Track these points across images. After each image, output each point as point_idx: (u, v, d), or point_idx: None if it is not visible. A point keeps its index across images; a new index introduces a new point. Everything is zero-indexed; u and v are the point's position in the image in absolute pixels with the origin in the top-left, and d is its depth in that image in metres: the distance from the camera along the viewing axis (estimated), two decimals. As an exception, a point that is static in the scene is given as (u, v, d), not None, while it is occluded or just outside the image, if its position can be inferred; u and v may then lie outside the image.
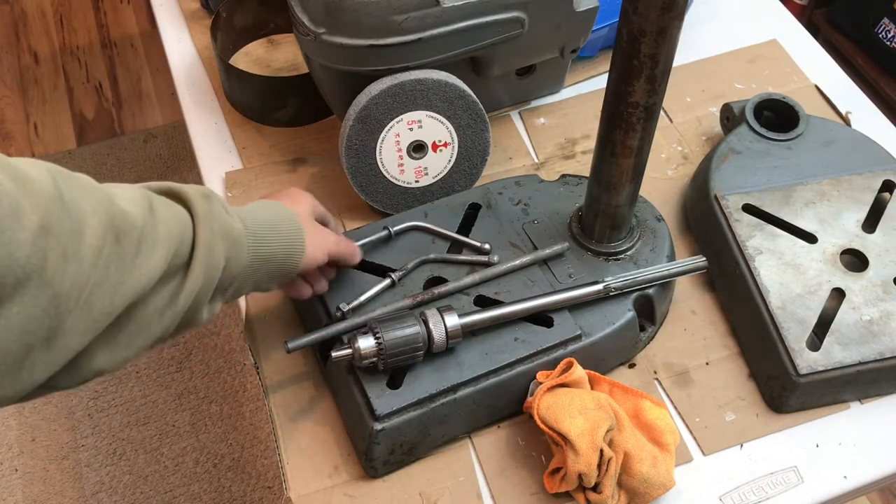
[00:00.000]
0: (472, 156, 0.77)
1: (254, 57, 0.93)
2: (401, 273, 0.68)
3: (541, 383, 0.63)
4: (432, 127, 0.73)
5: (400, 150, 0.74)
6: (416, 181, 0.76)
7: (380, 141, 0.73)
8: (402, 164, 0.75)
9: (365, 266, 0.69)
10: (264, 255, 0.55)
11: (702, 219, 0.76)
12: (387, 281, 0.67)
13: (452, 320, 0.62)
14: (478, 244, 0.70)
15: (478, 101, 0.74)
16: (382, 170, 0.74)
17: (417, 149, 0.75)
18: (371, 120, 0.71)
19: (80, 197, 0.42)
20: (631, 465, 0.60)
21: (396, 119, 0.72)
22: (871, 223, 0.73)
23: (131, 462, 1.42)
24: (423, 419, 0.62)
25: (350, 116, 0.71)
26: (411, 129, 0.73)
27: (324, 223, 0.65)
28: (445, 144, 0.75)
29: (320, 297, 0.67)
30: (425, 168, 0.76)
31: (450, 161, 0.76)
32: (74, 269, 0.40)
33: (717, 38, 0.95)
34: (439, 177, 0.77)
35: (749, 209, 0.74)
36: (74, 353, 0.42)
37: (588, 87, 0.91)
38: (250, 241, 0.54)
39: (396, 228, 0.71)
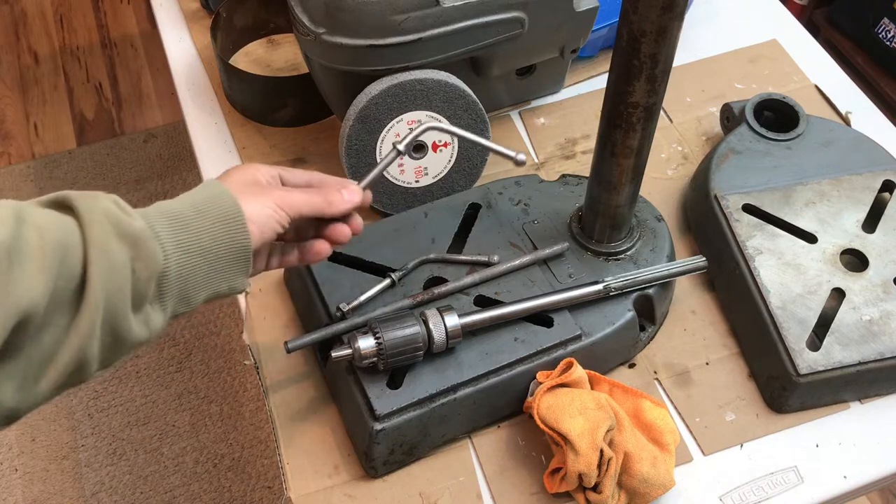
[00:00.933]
0: (472, 156, 0.77)
1: (254, 57, 0.93)
2: (401, 273, 0.68)
3: (541, 383, 0.63)
4: (432, 127, 0.73)
5: (400, 150, 0.74)
6: (417, 181, 0.76)
7: (380, 141, 0.73)
8: (402, 164, 0.75)
9: (365, 266, 0.69)
10: (193, 246, 0.48)
11: (702, 219, 0.76)
12: (387, 281, 0.67)
13: (452, 320, 0.62)
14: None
15: (478, 101, 0.73)
16: (382, 170, 0.74)
17: (417, 149, 0.74)
18: (371, 120, 0.71)
19: None
20: (631, 465, 0.60)
21: (396, 119, 0.72)
22: (871, 223, 0.73)
23: (131, 462, 1.42)
24: (423, 419, 0.62)
25: (350, 116, 0.71)
26: (411, 130, 0.73)
27: (291, 183, 0.58)
28: (445, 144, 0.75)
29: (320, 297, 0.67)
30: (425, 168, 0.76)
31: (450, 161, 0.76)
32: None
33: (717, 38, 0.95)
34: (439, 177, 0.77)
35: (749, 209, 0.74)
36: None
37: (588, 87, 0.91)
38: (165, 236, 0.47)
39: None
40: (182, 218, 0.48)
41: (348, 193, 0.57)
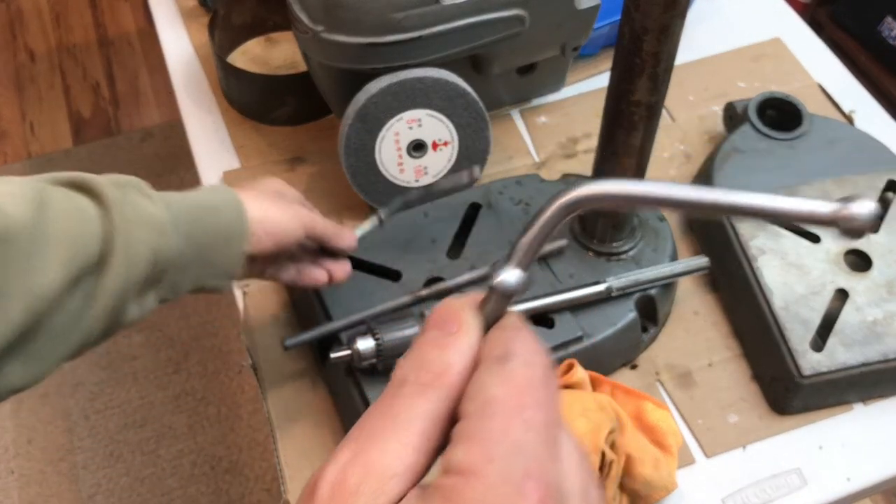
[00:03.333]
0: (472, 155, 0.76)
1: (252, 55, 0.92)
2: (386, 212, 0.66)
3: (542, 385, 0.62)
4: (432, 126, 0.73)
5: (399, 149, 0.73)
6: (416, 180, 0.76)
7: (379, 140, 0.72)
8: (401, 163, 0.74)
9: (364, 266, 0.69)
10: (198, 241, 0.49)
11: (704, 218, 0.76)
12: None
13: (453, 321, 0.61)
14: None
15: (478, 99, 0.73)
16: (382, 169, 0.74)
17: (417, 148, 0.74)
18: (370, 118, 0.70)
19: None
20: (633, 467, 0.60)
21: (396, 118, 0.71)
22: (875, 223, 0.72)
23: (128, 464, 1.41)
24: (423, 421, 0.61)
25: (349, 115, 0.70)
26: (411, 128, 0.72)
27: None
28: (445, 143, 0.74)
29: (319, 298, 0.66)
30: (425, 167, 0.75)
31: (450, 160, 0.76)
32: None
33: (719, 37, 0.95)
34: (439, 176, 0.76)
35: (752, 209, 0.73)
36: None
37: (589, 85, 0.90)
38: (182, 225, 0.48)
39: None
40: (196, 209, 0.50)
41: (351, 237, 0.62)
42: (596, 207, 0.29)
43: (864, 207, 0.26)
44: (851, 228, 0.26)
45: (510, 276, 0.31)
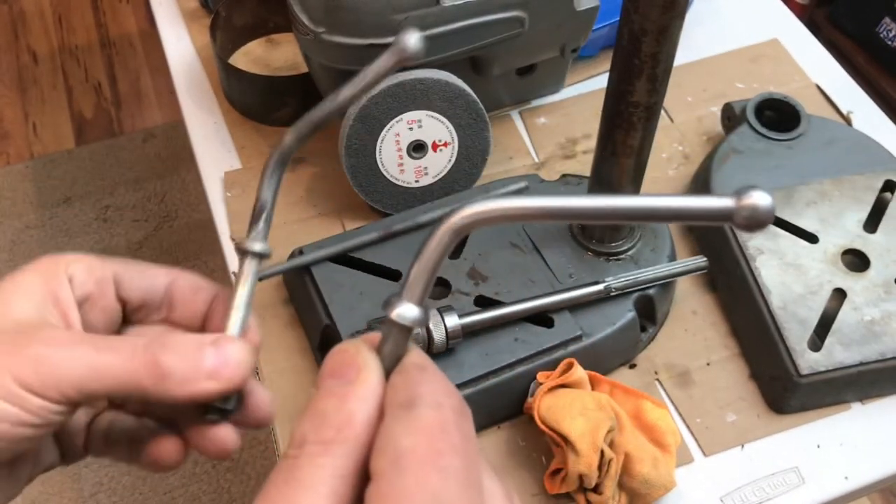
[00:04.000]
0: (472, 155, 0.77)
1: (253, 56, 0.93)
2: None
3: (541, 384, 0.63)
4: (432, 126, 0.73)
5: (400, 149, 0.73)
6: (416, 181, 0.76)
7: (380, 141, 0.72)
8: (401, 164, 0.74)
9: (365, 267, 0.69)
10: None
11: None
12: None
13: (452, 320, 0.61)
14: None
15: (477, 100, 0.73)
16: (382, 169, 0.74)
17: (417, 148, 0.74)
18: (371, 119, 0.71)
19: None
20: (632, 466, 0.60)
21: (396, 119, 0.71)
22: (872, 223, 0.73)
23: (130, 462, 1.41)
24: (423, 420, 0.61)
25: (350, 116, 0.71)
26: (411, 129, 0.72)
27: (132, 296, 0.34)
28: (445, 144, 0.75)
29: (320, 298, 0.67)
30: (425, 168, 0.75)
31: (450, 161, 0.76)
32: None
33: (717, 38, 0.95)
34: (439, 176, 0.77)
35: (750, 209, 0.73)
36: None
37: (589, 86, 0.91)
38: None
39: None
40: None
41: (215, 355, 0.31)
42: (485, 226, 0.28)
43: (763, 198, 0.26)
44: (753, 218, 0.25)
45: (408, 310, 0.28)
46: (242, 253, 0.35)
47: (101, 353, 0.29)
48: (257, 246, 0.36)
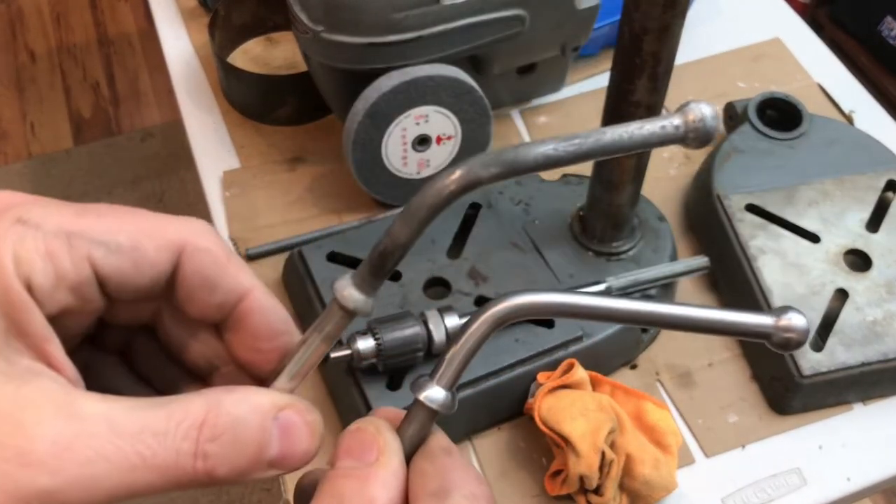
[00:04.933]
0: (473, 148, 0.76)
1: (252, 55, 0.92)
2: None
3: (542, 385, 0.62)
4: (438, 121, 0.73)
5: (405, 143, 0.73)
6: (418, 173, 0.76)
7: (387, 135, 0.72)
8: (405, 157, 0.74)
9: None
10: None
11: (704, 219, 0.76)
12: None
13: (453, 321, 0.61)
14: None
15: (483, 96, 0.73)
16: (386, 162, 0.74)
17: (422, 142, 0.74)
18: (380, 115, 0.70)
19: None
20: (633, 467, 0.60)
21: (405, 114, 0.71)
22: (874, 223, 0.72)
23: (129, 463, 1.41)
24: (423, 421, 0.61)
25: (358, 111, 0.70)
26: (418, 124, 0.72)
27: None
28: (449, 137, 0.75)
29: (318, 297, 0.66)
30: (428, 160, 0.75)
31: (451, 154, 0.76)
32: None
33: (719, 37, 0.95)
34: (441, 168, 0.77)
35: (752, 209, 0.73)
36: None
37: (589, 85, 0.90)
38: None
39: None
40: None
41: (279, 443, 0.27)
42: (525, 319, 0.29)
43: (799, 320, 0.26)
44: (789, 340, 0.26)
45: (436, 392, 0.27)
46: (342, 307, 0.29)
47: (137, 473, 0.21)
48: (359, 303, 0.29)
